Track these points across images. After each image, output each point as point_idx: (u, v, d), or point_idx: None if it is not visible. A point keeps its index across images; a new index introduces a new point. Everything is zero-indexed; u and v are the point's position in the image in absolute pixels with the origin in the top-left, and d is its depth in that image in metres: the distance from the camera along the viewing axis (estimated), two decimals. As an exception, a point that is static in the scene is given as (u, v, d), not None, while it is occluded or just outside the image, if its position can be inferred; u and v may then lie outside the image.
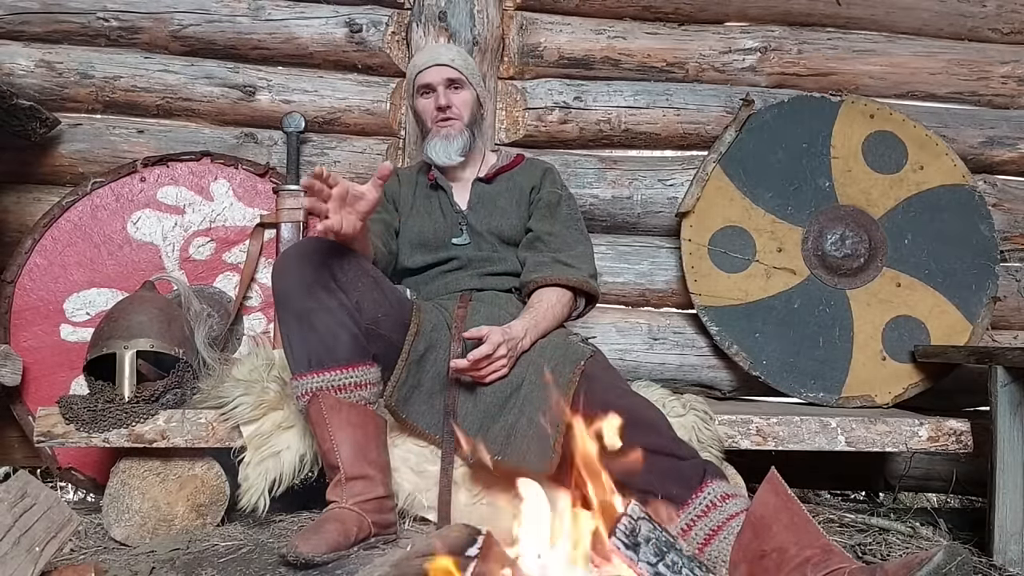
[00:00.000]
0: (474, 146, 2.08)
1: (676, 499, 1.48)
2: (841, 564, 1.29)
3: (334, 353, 1.63)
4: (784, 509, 1.39)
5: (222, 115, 2.41)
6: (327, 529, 1.50)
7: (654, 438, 1.53)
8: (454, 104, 2.04)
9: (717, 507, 1.47)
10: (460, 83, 2.05)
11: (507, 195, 2.07)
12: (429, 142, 2.05)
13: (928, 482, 2.59)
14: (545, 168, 2.14)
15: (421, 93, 2.06)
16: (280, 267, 1.66)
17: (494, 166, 2.12)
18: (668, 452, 1.53)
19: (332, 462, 1.62)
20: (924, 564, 1.19)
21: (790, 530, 1.36)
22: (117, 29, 2.36)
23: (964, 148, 2.57)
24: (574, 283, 1.89)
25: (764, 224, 2.39)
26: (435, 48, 2.14)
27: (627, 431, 1.37)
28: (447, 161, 2.03)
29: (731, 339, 2.33)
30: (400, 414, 1.72)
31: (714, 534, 1.45)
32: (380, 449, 1.68)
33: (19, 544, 1.17)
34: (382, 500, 1.63)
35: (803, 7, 2.58)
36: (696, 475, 1.51)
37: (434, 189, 2.09)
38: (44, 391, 2.13)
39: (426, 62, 2.05)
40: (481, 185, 2.08)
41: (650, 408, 1.63)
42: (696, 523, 1.46)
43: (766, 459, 2.20)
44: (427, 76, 2.04)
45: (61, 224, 2.21)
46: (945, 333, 2.36)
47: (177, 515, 1.79)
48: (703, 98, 2.54)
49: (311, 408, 1.64)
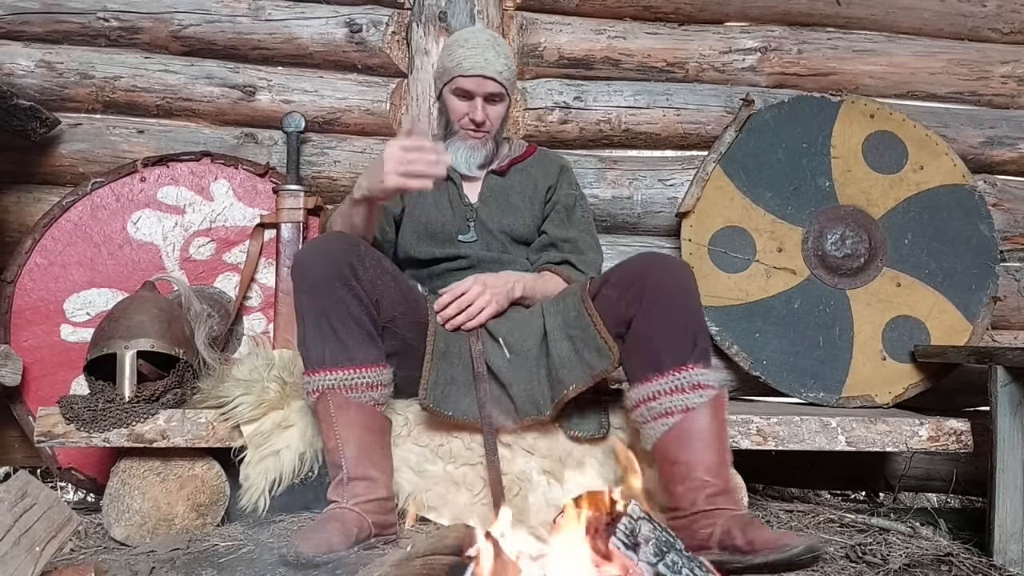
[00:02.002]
0: (495, 152, 2.06)
1: (657, 366, 1.58)
2: (728, 507, 1.47)
3: (349, 352, 1.62)
4: (712, 432, 1.54)
5: (222, 115, 2.41)
6: (327, 529, 1.50)
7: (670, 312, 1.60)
8: (490, 119, 1.98)
9: (682, 392, 1.56)
10: (500, 97, 1.98)
11: (520, 190, 2.04)
12: (452, 143, 2.00)
13: (928, 482, 2.59)
14: (561, 165, 2.11)
15: (456, 93, 1.97)
16: (302, 261, 1.65)
17: (507, 156, 2.08)
18: (672, 329, 1.59)
19: (336, 461, 1.62)
20: (786, 550, 1.31)
21: (707, 452, 1.53)
22: (117, 29, 2.36)
23: (964, 148, 2.57)
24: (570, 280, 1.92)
25: (764, 224, 2.39)
26: (484, 51, 1.94)
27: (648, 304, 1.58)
28: (467, 172, 2.02)
29: (731, 339, 2.33)
30: (444, 412, 1.70)
31: (658, 418, 1.57)
32: (384, 450, 1.68)
33: (19, 544, 1.17)
34: (383, 501, 1.63)
35: (803, 7, 2.58)
36: (684, 353, 1.58)
37: (444, 179, 2.03)
38: (44, 391, 2.13)
39: (471, 68, 1.92)
40: (495, 178, 2.05)
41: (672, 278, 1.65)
42: (657, 398, 1.57)
43: (766, 459, 2.22)
44: (468, 84, 1.94)
45: (61, 224, 2.21)
46: (945, 333, 2.36)
47: (177, 515, 1.79)
48: (703, 98, 2.54)
49: (319, 405, 1.64)
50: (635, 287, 1.62)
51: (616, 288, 1.67)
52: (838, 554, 1.81)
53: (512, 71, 2.02)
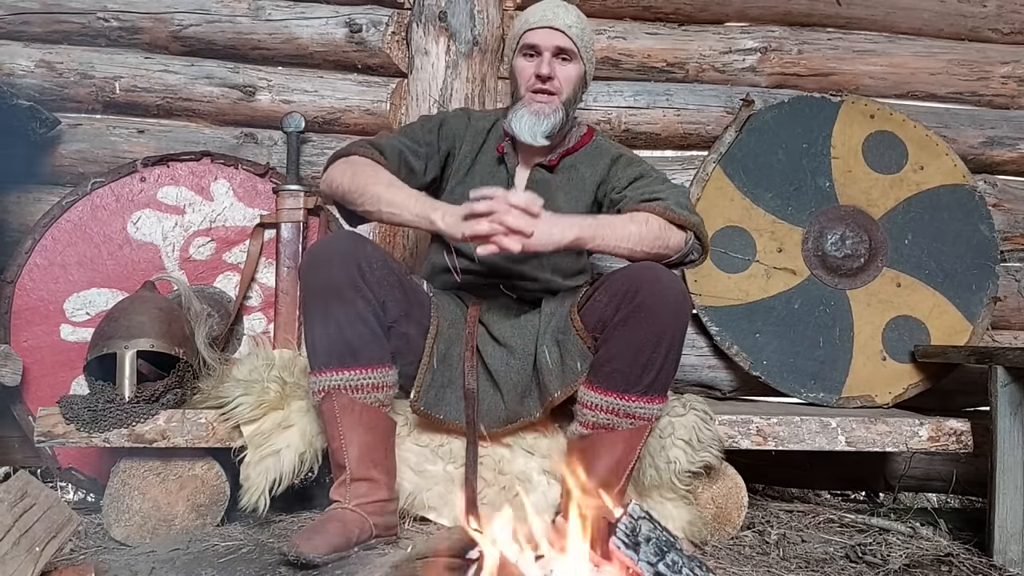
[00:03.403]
0: (564, 128, 1.85)
1: (606, 382, 1.62)
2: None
3: (355, 353, 1.62)
4: (615, 458, 1.66)
5: (222, 115, 2.41)
6: (328, 529, 1.50)
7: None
8: (557, 76, 1.79)
9: (614, 415, 1.62)
10: (571, 55, 1.80)
11: (567, 191, 1.87)
12: (515, 111, 1.82)
13: (928, 482, 2.59)
14: (613, 157, 1.90)
15: (524, 53, 1.82)
16: (310, 261, 1.63)
17: (560, 146, 1.90)
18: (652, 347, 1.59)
19: (339, 461, 1.63)
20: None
21: (605, 472, 1.63)
22: (117, 29, 2.36)
23: (964, 148, 2.57)
24: (668, 216, 1.67)
25: (764, 224, 2.39)
26: (554, 6, 1.82)
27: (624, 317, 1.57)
28: (531, 140, 1.81)
29: (731, 339, 2.33)
30: (435, 415, 1.72)
31: (582, 423, 1.66)
32: (388, 452, 1.69)
33: (19, 544, 1.17)
34: (385, 503, 1.63)
35: (803, 7, 2.58)
36: (634, 382, 1.61)
37: (498, 163, 1.88)
38: (44, 391, 2.13)
39: (539, 21, 1.79)
40: (542, 172, 1.88)
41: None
42: (592, 408, 1.63)
43: (766, 459, 2.22)
44: (535, 36, 1.79)
45: (61, 224, 2.21)
46: (945, 333, 2.36)
47: (177, 515, 1.79)
48: (703, 98, 2.54)
49: (324, 405, 1.64)
50: (624, 299, 1.60)
51: (607, 292, 1.66)
52: (838, 554, 1.82)
53: (586, 34, 1.84)
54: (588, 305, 1.69)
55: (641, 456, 1.74)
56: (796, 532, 1.96)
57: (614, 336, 1.61)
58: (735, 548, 1.83)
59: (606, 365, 1.63)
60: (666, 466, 1.77)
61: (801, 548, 1.85)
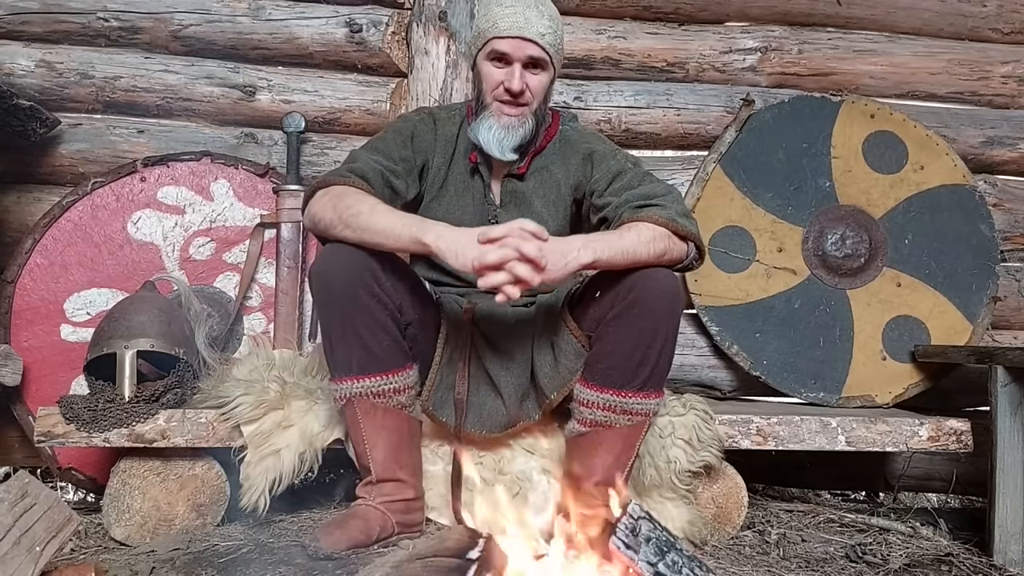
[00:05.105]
0: (535, 135, 1.75)
1: (603, 379, 1.63)
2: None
3: (375, 359, 1.60)
4: (615, 454, 1.66)
5: (222, 115, 2.41)
6: (350, 525, 1.52)
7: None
8: (530, 89, 1.69)
9: (611, 412, 1.62)
10: (543, 64, 1.69)
11: (542, 195, 1.80)
12: (483, 121, 1.71)
13: (928, 482, 2.59)
14: (585, 154, 1.79)
15: (492, 58, 1.69)
16: (321, 272, 1.57)
17: (530, 148, 1.78)
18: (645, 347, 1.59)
19: (364, 464, 1.65)
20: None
21: (603, 469, 1.64)
22: (117, 29, 2.35)
23: (964, 148, 2.57)
24: (672, 227, 1.58)
25: (764, 224, 2.39)
26: (525, 9, 1.66)
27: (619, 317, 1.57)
28: (499, 155, 1.72)
29: (731, 339, 2.33)
30: (439, 417, 1.73)
31: (580, 422, 1.66)
32: (413, 452, 1.70)
33: (19, 544, 1.17)
34: (410, 501, 1.65)
35: (803, 7, 2.58)
36: (630, 378, 1.61)
37: (472, 174, 1.80)
38: (44, 391, 2.13)
39: (509, 28, 1.65)
40: (513, 182, 1.80)
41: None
42: (589, 406, 1.64)
43: (766, 459, 2.22)
44: (504, 45, 1.66)
45: (61, 224, 2.21)
46: (945, 333, 2.36)
47: (177, 515, 1.79)
48: (703, 98, 2.54)
49: (347, 410, 1.65)
50: (618, 295, 1.58)
51: (600, 290, 1.65)
52: (838, 554, 1.82)
53: (558, 36, 1.72)
54: (581, 304, 1.69)
55: (640, 453, 1.74)
56: (796, 532, 1.96)
57: (608, 333, 1.60)
58: (735, 548, 1.83)
59: (602, 362, 1.62)
60: (666, 466, 1.78)
61: (801, 548, 1.85)
